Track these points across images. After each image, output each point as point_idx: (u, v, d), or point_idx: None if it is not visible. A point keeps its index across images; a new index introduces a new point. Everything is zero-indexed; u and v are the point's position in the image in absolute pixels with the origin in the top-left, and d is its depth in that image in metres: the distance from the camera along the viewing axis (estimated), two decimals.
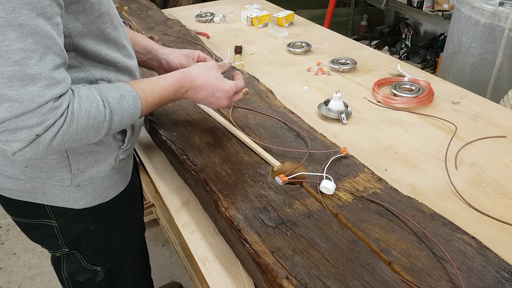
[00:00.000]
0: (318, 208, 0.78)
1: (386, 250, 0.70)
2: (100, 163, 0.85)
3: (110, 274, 1.00)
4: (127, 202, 0.97)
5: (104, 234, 0.94)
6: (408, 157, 1.01)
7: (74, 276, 0.98)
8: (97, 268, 0.98)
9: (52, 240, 0.92)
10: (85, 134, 0.69)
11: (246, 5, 2.05)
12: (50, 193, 0.84)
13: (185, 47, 1.54)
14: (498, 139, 1.06)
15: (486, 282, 0.64)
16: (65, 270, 0.98)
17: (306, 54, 1.60)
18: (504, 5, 1.84)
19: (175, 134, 1.02)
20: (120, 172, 0.91)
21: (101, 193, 0.88)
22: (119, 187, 0.92)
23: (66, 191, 0.84)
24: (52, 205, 0.86)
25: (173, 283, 1.84)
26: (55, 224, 0.89)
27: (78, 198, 0.86)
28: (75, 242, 0.93)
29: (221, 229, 0.84)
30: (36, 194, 0.84)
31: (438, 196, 0.89)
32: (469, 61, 2.04)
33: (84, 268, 0.97)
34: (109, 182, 0.89)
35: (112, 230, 0.96)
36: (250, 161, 0.92)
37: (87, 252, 0.95)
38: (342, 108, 1.16)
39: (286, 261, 0.67)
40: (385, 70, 1.45)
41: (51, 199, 0.85)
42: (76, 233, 0.91)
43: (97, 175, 0.86)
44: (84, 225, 0.90)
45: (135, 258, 1.07)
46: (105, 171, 0.86)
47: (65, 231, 0.91)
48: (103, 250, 0.96)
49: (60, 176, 0.82)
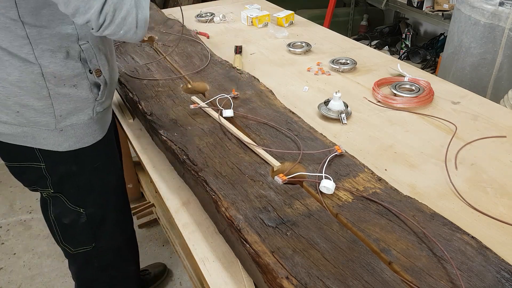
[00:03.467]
0: (318, 208, 0.78)
1: (386, 250, 0.70)
2: (79, 112, 1.00)
3: (92, 218, 1.14)
4: (104, 151, 1.11)
5: (85, 175, 1.08)
6: (408, 157, 1.01)
7: (60, 218, 1.12)
8: (80, 210, 1.11)
9: (41, 181, 1.06)
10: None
11: (246, 5, 2.05)
12: (39, 137, 0.99)
13: (185, 47, 1.54)
14: (498, 139, 1.06)
15: (486, 282, 0.64)
16: (52, 212, 1.12)
17: (306, 54, 1.60)
18: (504, 5, 1.84)
19: (175, 134, 1.02)
20: (98, 123, 1.05)
21: (81, 139, 1.03)
22: (97, 135, 1.06)
23: (51, 135, 0.99)
24: (40, 148, 1.00)
25: (158, 263, 1.86)
26: (43, 166, 1.03)
27: (61, 141, 1.01)
28: (60, 182, 1.07)
29: (221, 229, 0.84)
30: (27, 138, 0.98)
31: (438, 196, 0.89)
32: (469, 61, 2.04)
33: (68, 209, 1.10)
34: (88, 130, 1.03)
35: (92, 173, 1.09)
36: (250, 161, 0.92)
37: (70, 193, 1.09)
38: (342, 108, 1.16)
39: (286, 261, 0.67)
40: (385, 70, 1.45)
41: (39, 142, 0.99)
42: (61, 174, 1.06)
43: (77, 122, 1.01)
44: (67, 166, 1.05)
45: (115, 206, 1.20)
46: (84, 120, 1.02)
47: (51, 171, 1.05)
48: (85, 192, 1.10)
49: (46, 121, 0.97)
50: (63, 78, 0.95)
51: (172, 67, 1.39)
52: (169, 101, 1.18)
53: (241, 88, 1.23)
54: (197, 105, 1.12)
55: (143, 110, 1.14)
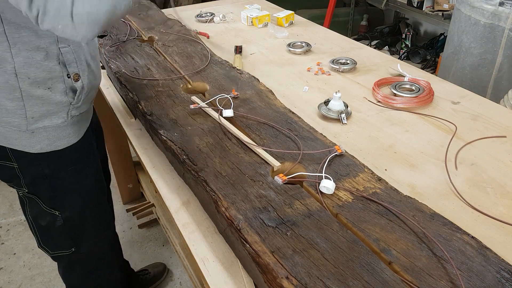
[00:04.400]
0: (318, 208, 0.78)
1: (386, 250, 0.70)
2: (53, 115, 0.98)
3: (69, 221, 1.12)
4: (80, 154, 1.09)
5: (59, 179, 1.06)
6: (408, 157, 1.01)
7: (37, 220, 1.11)
8: (55, 212, 1.09)
9: (15, 180, 1.05)
10: None
11: (246, 5, 2.05)
12: (11, 137, 0.97)
13: (185, 47, 1.54)
14: (498, 139, 1.06)
15: (486, 282, 0.64)
16: (28, 213, 1.11)
17: (306, 54, 1.60)
18: (504, 5, 1.84)
19: (175, 134, 1.02)
20: (73, 127, 1.03)
21: (53, 141, 1.01)
22: (71, 139, 1.04)
23: (23, 136, 0.97)
24: (12, 148, 0.99)
25: (158, 263, 1.86)
26: (16, 165, 1.02)
27: (33, 143, 0.99)
28: (33, 184, 1.05)
29: (221, 229, 0.84)
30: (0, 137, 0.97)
31: (438, 196, 0.89)
32: (469, 61, 2.04)
33: (43, 211, 1.09)
34: (62, 133, 1.01)
35: (66, 177, 1.07)
36: (250, 161, 0.92)
37: (45, 195, 1.07)
38: (342, 108, 1.16)
39: (286, 261, 0.67)
40: (385, 70, 1.45)
41: (11, 142, 0.98)
42: (34, 175, 1.04)
43: (50, 125, 0.99)
44: (40, 169, 1.03)
45: (94, 211, 1.18)
46: (57, 123, 1.00)
47: (24, 172, 1.03)
48: (60, 195, 1.08)
49: (18, 122, 0.95)
50: (37, 80, 0.92)
51: (172, 67, 1.39)
52: (169, 101, 1.18)
53: (241, 88, 1.23)
54: (197, 105, 1.12)
55: (143, 110, 1.14)
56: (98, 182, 1.20)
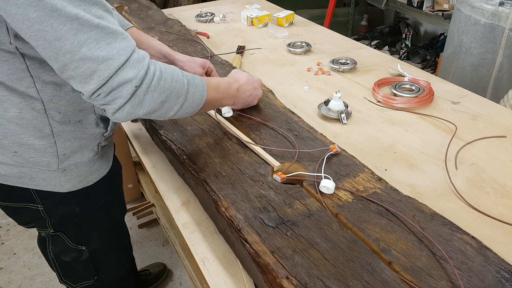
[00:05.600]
0: (318, 208, 0.78)
1: (386, 250, 0.70)
2: (84, 149, 0.92)
3: (94, 253, 1.07)
4: (109, 186, 1.03)
5: (88, 216, 1.00)
6: (408, 157, 1.01)
7: (60, 256, 1.05)
8: (82, 248, 1.04)
9: (39, 221, 0.98)
10: (169, 95, 0.78)
11: (246, 5, 2.05)
12: (37, 178, 0.89)
13: (185, 47, 1.54)
14: (498, 139, 1.06)
15: (486, 282, 0.64)
16: (51, 251, 1.05)
17: (306, 54, 1.60)
18: (504, 5, 1.84)
19: (175, 134, 1.02)
20: (103, 157, 0.98)
21: (85, 177, 0.95)
22: (102, 171, 0.98)
23: (53, 176, 0.90)
24: (37, 189, 0.91)
25: (158, 263, 1.86)
26: (41, 208, 0.95)
27: (64, 182, 0.92)
28: (61, 223, 0.99)
29: (221, 229, 0.84)
30: (24, 179, 0.89)
31: (438, 196, 0.89)
32: (469, 61, 2.04)
33: (69, 248, 1.03)
34: (93, 166, 0.95)
35: (96, 212, 1.02)
36: (250, 161, 0.92)
37: (72, 233, 1.01)
38: (342, 108, 1.16)
39: (286, 261, 0.67)
40: (385, 70, 1.45)
41: (38, 183, 0.90)
42: (62, 215, 0.97)
43: (82, 160, 0.92)
44: (70, 208, 0.96)
45: (117, 239, 1.15)
46: (88, 157, 0.93)
47: (51, 213, 0.96)
48: (87, 231, 1.03)
49: (48, 161, 0.88)
50: (68, 114, 0.85)
51: None
52: None
53: None
54: None
55: None
56: (123, 211, 1.15)
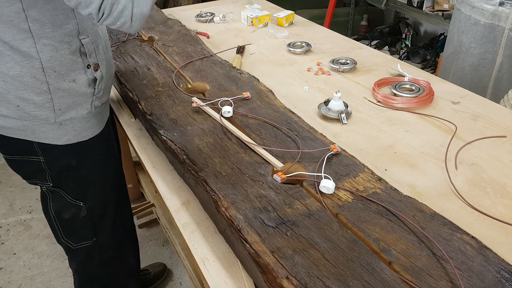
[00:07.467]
0: (318, 208, 0.78)
1: (386, 250, 0.70)
2: (78, 106, 1.03)
3: (92, 211, 1.16)
4: (103, 145, 1.14)
5: (84, 169, 1.11)
6: (408, 157, 1.01)
7: (60, 213, 1.14)
8: (80, 203, 1.13)
9: (40, 174, 1.08)
10: None
11: (246, 5, 2.05)
12: (38, 131, 1.01)
13: (185, 47, 1.54)
14: (498, 139, 1.06)
15: (486, 282, 0.64)
16: (52, 208, 1.14)
17: (306, 54, 1.60)
18: (504, 5, 1.84)
19: (175, 134, 1.02)
20: (96, 117, 1.09)
21: (79, 132, 1.06)
22: (95, 129, 1.10)
23: (51, 129, 1.02)
24: (39, 142, 1.03)
25: (158, 263, 1.86)
26: (42, 159, 1.06)
27: (61, 135, 1.04)
28: (59, 177, 1.09)
29: (221, 229, 0.84)
30: (26, 131, 1.01)
31: (438, 196, 0.89)
32: (469, 61, 2.04)
33: (68, 203, 1.13)
34: (86, 124, 1.07)
35: (91, 167, 1.12)
36: (250, 161, 0.92)
37: (70, 187, 1.11)
38: (342, 108, 1.16)
39: (286, 261, 0.67)
40: (385, 70, 1.45)
41: (38, 136, 1.02)
42: (60, 167, 1.08)
43: (76, 116, 1.04)
44: (67, 160, 1.07)
45: (114, 201, 1.22)
46: (82, 114, 1.05)
47: (50, 165, 1.07)
48: (85, 185, 1.12)
49: (46, 115, 1.00)
50: (62, 73, 0.98)
51: (172, 67, 1.39)
52: (169, 101, 1.18)
53: (241, 88, 1.23)
54: (198, 103, 1.12)
55: (143, 110, 1.14)
56: (117, 171, 1.25)
